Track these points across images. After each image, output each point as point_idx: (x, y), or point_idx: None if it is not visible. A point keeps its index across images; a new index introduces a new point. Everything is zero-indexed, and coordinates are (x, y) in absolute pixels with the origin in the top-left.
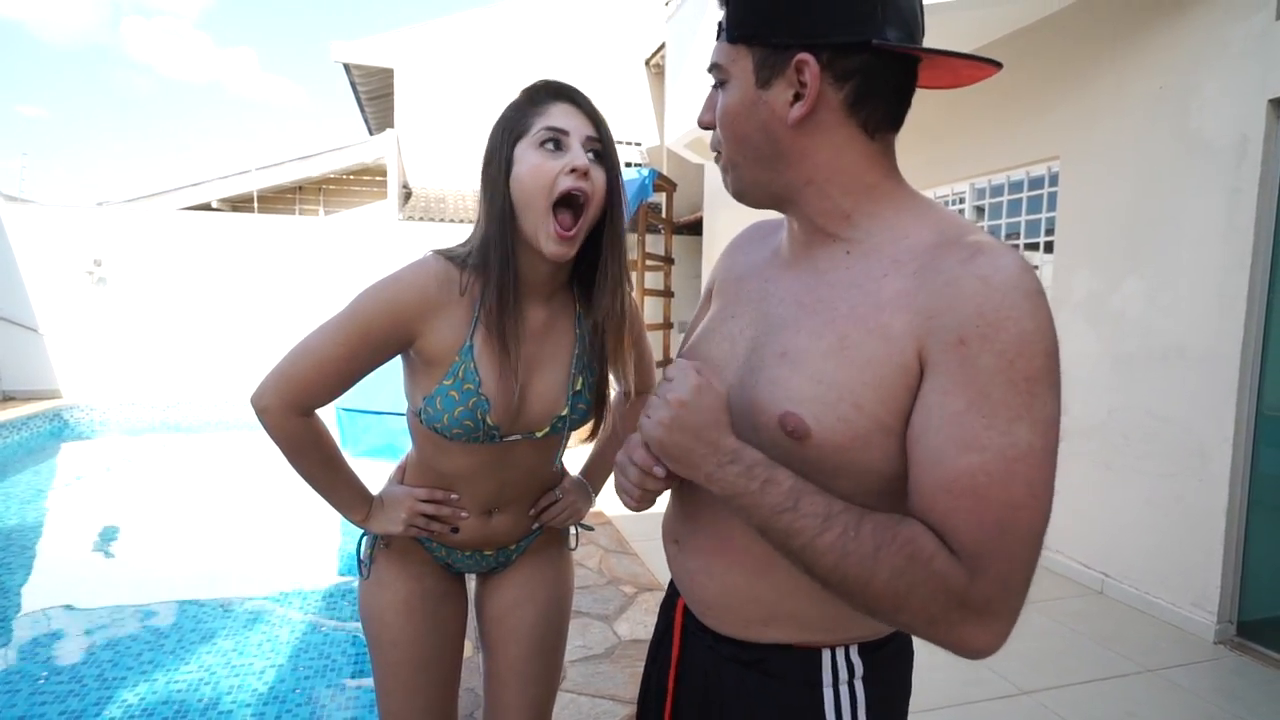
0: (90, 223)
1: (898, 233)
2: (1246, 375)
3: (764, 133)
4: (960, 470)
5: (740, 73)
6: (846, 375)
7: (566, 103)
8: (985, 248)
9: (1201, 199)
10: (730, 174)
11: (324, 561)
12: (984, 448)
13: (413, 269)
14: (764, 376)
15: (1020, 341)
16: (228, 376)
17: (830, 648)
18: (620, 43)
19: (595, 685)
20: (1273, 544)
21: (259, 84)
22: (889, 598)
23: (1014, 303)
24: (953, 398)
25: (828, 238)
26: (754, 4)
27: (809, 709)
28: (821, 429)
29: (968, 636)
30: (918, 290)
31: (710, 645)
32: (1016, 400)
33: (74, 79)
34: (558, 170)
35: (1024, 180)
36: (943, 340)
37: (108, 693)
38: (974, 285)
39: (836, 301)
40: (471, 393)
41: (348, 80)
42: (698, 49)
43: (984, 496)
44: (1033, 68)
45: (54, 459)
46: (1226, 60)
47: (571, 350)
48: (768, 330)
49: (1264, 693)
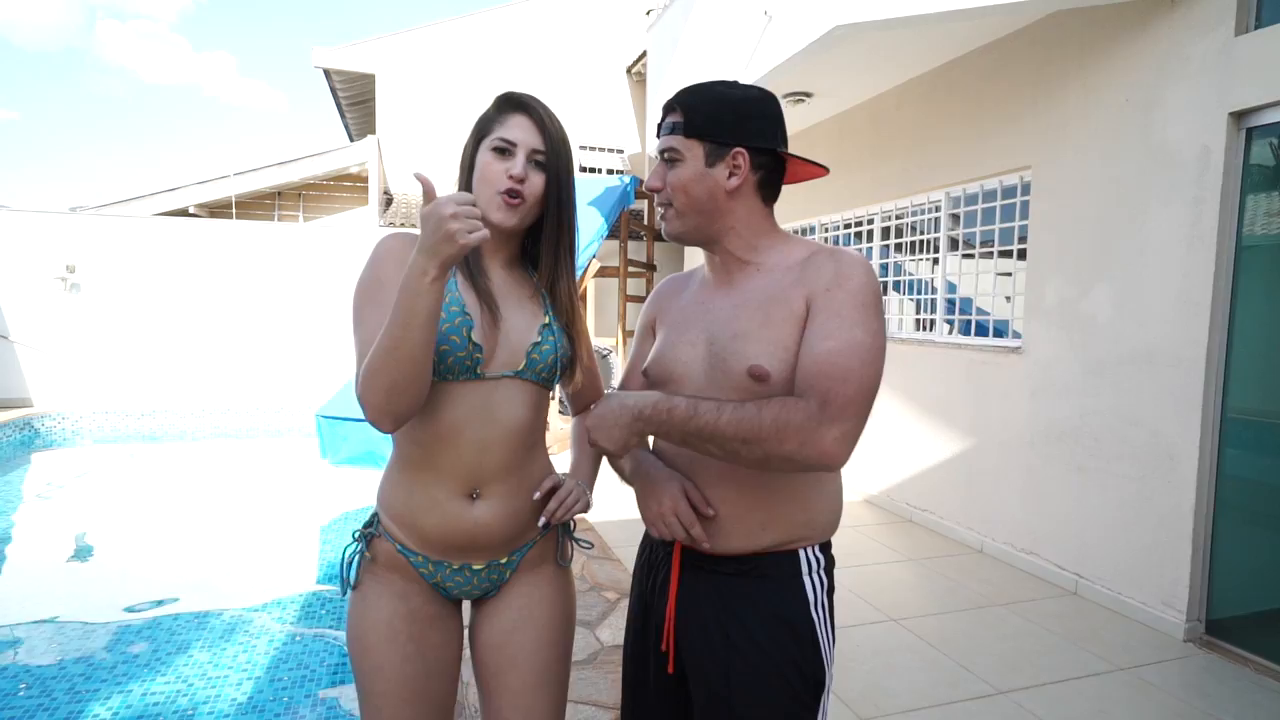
0: (63, 228)
1: (784, 255)
2: (1212, 379)
3: (708, 196)
4: (822, 351)
5: (693, 157)
6: (777, 333)
7: (523, 115)
8: (837, 250)
9: (1166, 208)
10: (677, 221)
11: (302, 571)
12: (835, 336)
13: (381, 244)
14: (727, 351)
15: (860, 286)
16: (204, 385)
17: (803, 547)
18: (602, 51)
19: (577, 691)
20: (1239, 544)
21: (238, 89)
22: (774, 435)
23: (856, 267)
24: (822, 318)
25: (743, 264)
26: (710, 116)
27: (795, 596)
28: (774, 371)
29: (823, 442)
30: (804, 275)
31: (712, 569)
32: (856, 315)
33: (47, 82)
34: (502, 171)
35: (997, 189)
36: (819, 289)
37: (79, 706)
38: (831, 264)
39: (757, 295)
40: (458, 314)
41: (328, 86)
42: (679, 58)
43: (834, 362)
44: (1005, 80)
45: (25, 468)
46: (1189, 74)
47: (539, 304)
48: (718, 327)
49: (1231, 689)
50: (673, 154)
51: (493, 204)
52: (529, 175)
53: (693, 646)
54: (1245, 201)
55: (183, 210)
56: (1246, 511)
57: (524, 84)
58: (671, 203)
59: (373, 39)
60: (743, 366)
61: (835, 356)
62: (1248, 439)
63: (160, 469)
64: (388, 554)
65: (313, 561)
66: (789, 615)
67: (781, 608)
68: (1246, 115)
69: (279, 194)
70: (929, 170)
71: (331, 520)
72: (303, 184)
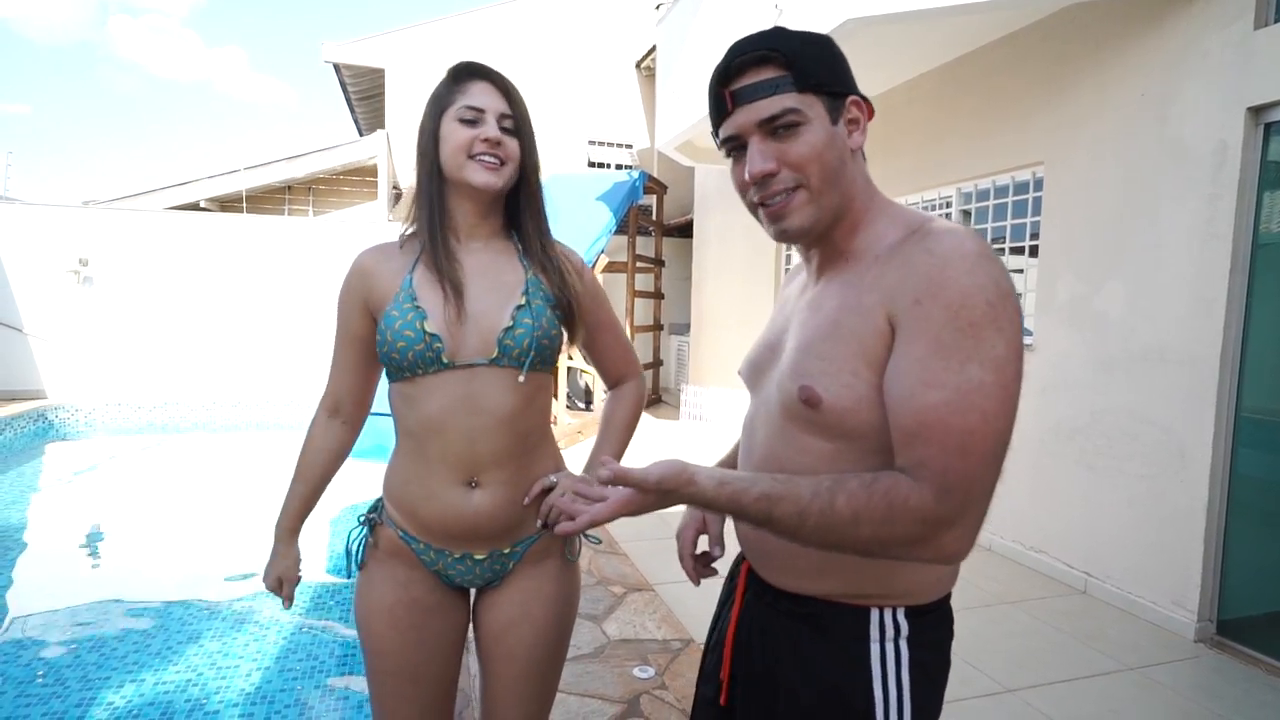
0: (76, 222)
1: (878, 236)
2: (1226, 377)
3: (840, 160)
4: (927, 405)
5: (817, 116)
6: (841, 350)
7: (484, 81)
8: (934, 230)
9: (1181, 204)
10: (810, 208)
11: (311, 562)
12: (944, 385)
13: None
14: (788, 365)
15: (962, 295)
16: (215, 377)
17: (879, 607)
18: (611, 45)
19: (584, 685)
20: (1251, 544)
21: (248, 84)
22: (876, 544)
23: (954, 264)
24: (915, 345)
25: (838, 253)
26: (818, 60)
27: (855, 662)
28: (830, 396)
29: (943, 546)
30: (884, 273)
31: (770, 602)
32: (966, 343)
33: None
34: (473, 138)
35: (1009, 185)
36: (903, 304)
37: (91, 694)
38: (923, 258)
39: (832, 298)
40: (410, 309)
41: (338, 81)
42: (688, 52)
43: (947, 425)
44: (1017, 75)
45: (39, 460)
46: (1206, 68)
47: (521, 285)
48: (791, 335)
49: (1242, 690)
50: (793, 117)
51: (472, 169)
52: (503, 140)
53: (744, 680)
54: (1262, 198)
55: (194, 204)
56: (1259, 511)
57: (533, 79)
58: (803, 184)
59: (382, 34)
60: (795, 386)
61: (947, 414)
62: (1261, 438)
63: (172, 461)
64: (390, 540)
65: (322, 553)
66: (842, 684)
67: (834, 672)
68: (1265, 110)
69: (289, 188)
70: (940, 166)
71: (341, 512)
72: (312, 178)
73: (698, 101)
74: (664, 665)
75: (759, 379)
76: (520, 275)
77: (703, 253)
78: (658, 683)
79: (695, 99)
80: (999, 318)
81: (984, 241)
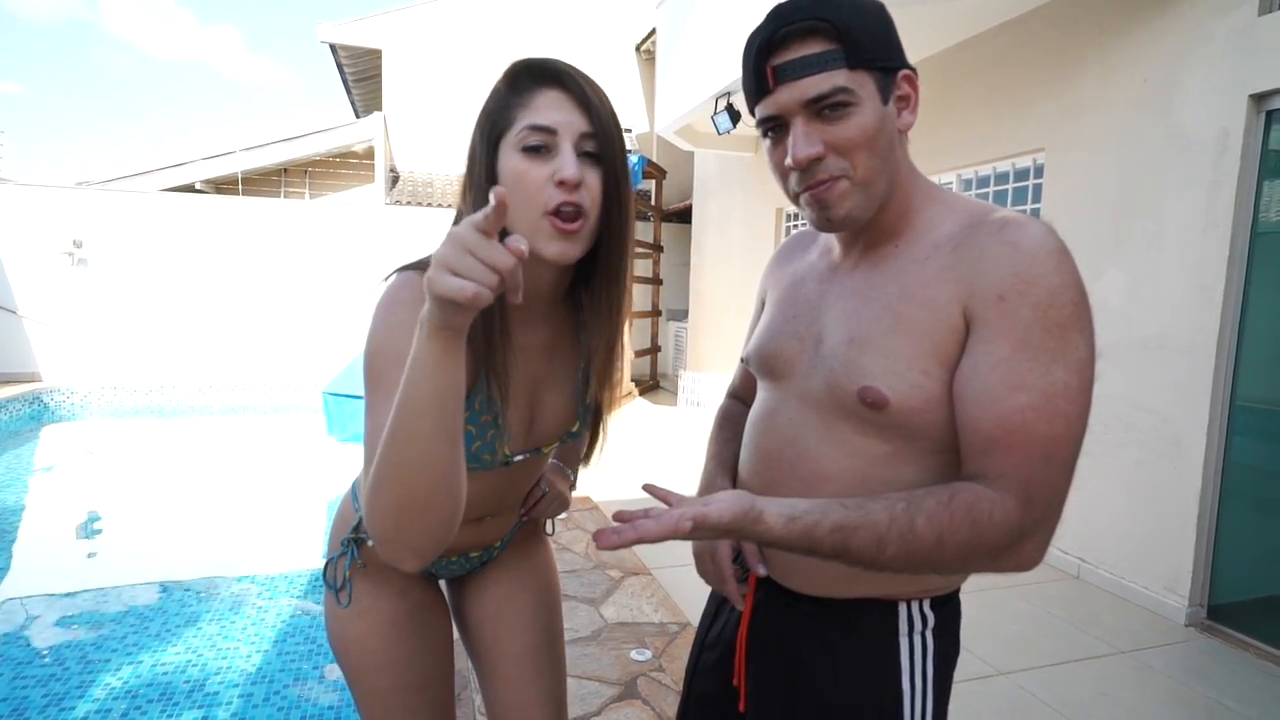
0: (70, 203)
1: (932, 224)
2: (1222, 366)
3: (890, 144)
4: (1012, 408)
5: (868, 96)
6: (908, 346)
7: (553, 88)
8: (1011, 220)
9: (1183, 192)
10: (858, 195)
11: (309, 545)
12: (1030, 388)
13: (388, 296)
14: (838, 362)
15: (1051, 294)
16: (211, 361)
17: (907, 600)
18: (610, 28)
19: (582, 667)
20: (1243, 530)
21: (243, 64)
22: (960, 561)
23: (1042, 261)
24: (997, 344)
25: (882, 237)
26: (868, 31)
27: (885, 656)
28: (898, 397)
29: (1023, 556)
30: (957, 263)
31: (788, 604)
32: (1052, 344)
33: (53, 55)
34: (544, 180)
35: (1010, 172)
36: (984, 299)
37: (90, 675)
38: (1006, 251)
39: (889, 286)
40: (488, 426)
41: (334, 61)
42: (688, 35)
43: (1032, 431)
44: (1020, 60)
45: (34, 442)
46: (1209, 55)
47: (578, 366)
48: (834, 324)
49: (1231, 673)
50: (844, 96)
51: (541, 231)
52: (584, 175)
53: (760, 683)
54: (1262, 187)
55: (189, 186)
56: (1251, 498)
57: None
58: (849, 172)
59: (379, 14)
60: (853, 387)
61: (1033, 419)
62: (1255, 426)
63: (168, 444)
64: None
65: (319, 537)
66: (874, 681)
67: (865, 669)
68: (1267, 98)
69: (285, 170)
70: (940, 152)
71: (337, 496)
72: (309, 161)
73: (698, 85)
74: (661, 648)
75: (785, 371)
76: (577, 354)
77: (701, 238)
78: (655, 665)
79: (695, 83)
80: (1082, 318)
81: (1060, 235)
